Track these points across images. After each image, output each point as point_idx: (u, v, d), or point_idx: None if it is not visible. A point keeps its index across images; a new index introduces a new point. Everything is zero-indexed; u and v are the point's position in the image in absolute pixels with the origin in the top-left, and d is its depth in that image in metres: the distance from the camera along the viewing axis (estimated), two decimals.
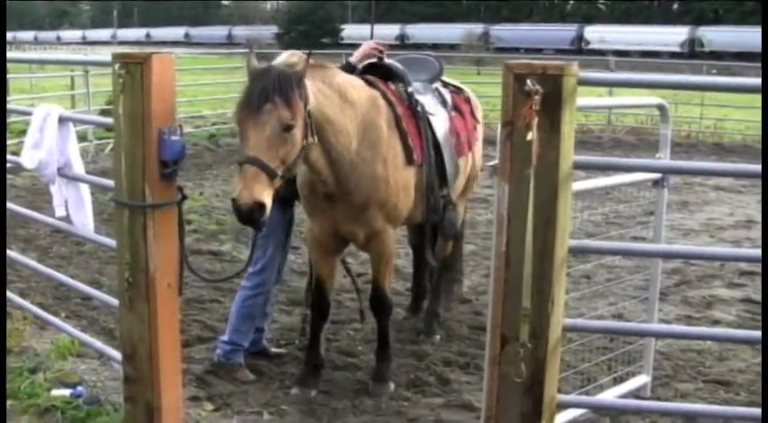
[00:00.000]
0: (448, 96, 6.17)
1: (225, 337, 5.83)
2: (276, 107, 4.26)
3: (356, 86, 5.12)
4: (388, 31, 75.94)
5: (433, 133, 5.62)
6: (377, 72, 5.73)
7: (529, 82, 3.05)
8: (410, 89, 5.64)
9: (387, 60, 5.84)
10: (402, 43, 73.88)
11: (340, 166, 4.92)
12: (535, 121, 3.07)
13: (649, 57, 57.45)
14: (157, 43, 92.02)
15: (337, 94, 4.84)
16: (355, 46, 6.35)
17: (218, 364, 5.79)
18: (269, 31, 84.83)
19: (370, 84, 5.41)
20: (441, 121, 5.79)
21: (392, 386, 5.57)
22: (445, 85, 6.38)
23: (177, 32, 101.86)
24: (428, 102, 5.79)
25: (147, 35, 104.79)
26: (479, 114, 6.63)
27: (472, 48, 61.91)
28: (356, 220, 5.19)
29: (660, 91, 13.37)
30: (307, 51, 4.74)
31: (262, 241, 5.51)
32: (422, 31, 78.79)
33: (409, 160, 5.31)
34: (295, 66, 4.51)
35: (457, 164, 5.86)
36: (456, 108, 6.17)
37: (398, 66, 5.82)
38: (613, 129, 20.12)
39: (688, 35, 66.22)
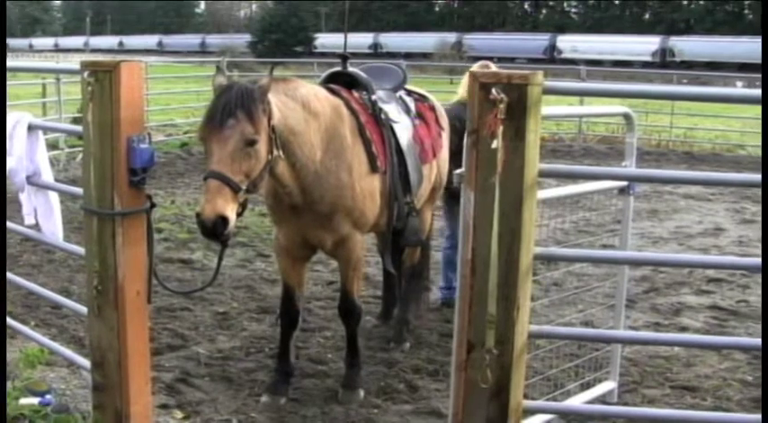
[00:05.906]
0: (412, 104, 6.21)
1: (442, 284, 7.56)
2: (239, 122, 4.28)
3: (319, 97, 5.13)
4: (362, 39, 76.04)
5: (397, 141, 5.67)
6: (341, 80, 5.77)
7: (494, 90, 3.09)
8: (374, 97, 5.68)
9: (351, 69, 5.88)
10: (375, 52, 73.97)
11: (305, 178, 4.95)
12: (500, 129, 3.11)
13: (621, 66, 57.92)
14: (130, 51, 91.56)
15: (300, 106, 4.85)
16: (328, 55, 6.39)
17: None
18: (242, 39, 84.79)
19: (333, 92, 5.43)
20: (404, 129, 5.83)
21: (362, 393, 5.58)
22: (409, 93, 6.41)
23: (150, 40, 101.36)
24: (392, 110, 5.83)
25: (120, 43, 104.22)
26: (444, 122, 6.65)
27: (445, 57, 61.90)
28: (323, 226, 5.22)
29: (630, 100, 13.50)
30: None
31: None
32: (395, 40, 78.80)
33: (373, 167, 5.35)
34: (259, 81, 4.54)
35: (421, 171, 5.91)
36: (420, 116, 6.21)
37: (362, 74, 5.85)
38: (584, 137, 20.30)
39: (660, 45, 66.66)
